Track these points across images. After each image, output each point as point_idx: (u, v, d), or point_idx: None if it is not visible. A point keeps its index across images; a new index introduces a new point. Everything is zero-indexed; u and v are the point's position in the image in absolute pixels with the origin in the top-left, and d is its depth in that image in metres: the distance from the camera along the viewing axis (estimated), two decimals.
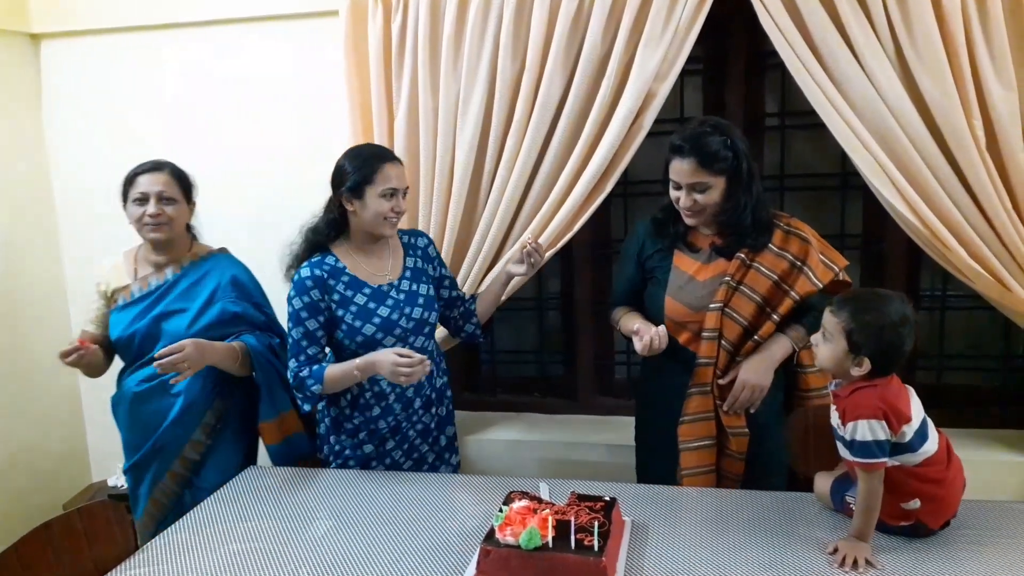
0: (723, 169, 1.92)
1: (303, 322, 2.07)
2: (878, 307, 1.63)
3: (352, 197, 2.05)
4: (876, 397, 1.62)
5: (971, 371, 2.77)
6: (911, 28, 2.08)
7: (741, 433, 2.04)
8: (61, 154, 2.98)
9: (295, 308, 2.07)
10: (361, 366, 2.03)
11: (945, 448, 1.70)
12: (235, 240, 2.87)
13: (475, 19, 2.35)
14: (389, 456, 2.20)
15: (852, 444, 1.62)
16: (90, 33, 2.85)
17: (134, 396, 2.19)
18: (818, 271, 2.01)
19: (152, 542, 1.79)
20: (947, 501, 1.68)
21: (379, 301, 2.10)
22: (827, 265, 2.05)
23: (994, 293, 2.19)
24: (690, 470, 2.05)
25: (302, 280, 2.07)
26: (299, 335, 2.08)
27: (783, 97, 2.68)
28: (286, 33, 2.71)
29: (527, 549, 1.50)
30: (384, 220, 2.06)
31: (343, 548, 1.73)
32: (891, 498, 1.64)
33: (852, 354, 1.64)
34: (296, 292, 2.07)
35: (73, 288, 3.05)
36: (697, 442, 2.05)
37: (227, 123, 2.82)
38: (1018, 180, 2.10)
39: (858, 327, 1.62)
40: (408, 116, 2.47)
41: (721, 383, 2.02)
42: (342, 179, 2.07)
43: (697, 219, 2.00)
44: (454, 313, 2.32)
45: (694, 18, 2.23)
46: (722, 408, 2.03)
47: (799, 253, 2.01)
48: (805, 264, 2.00)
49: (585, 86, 2.32)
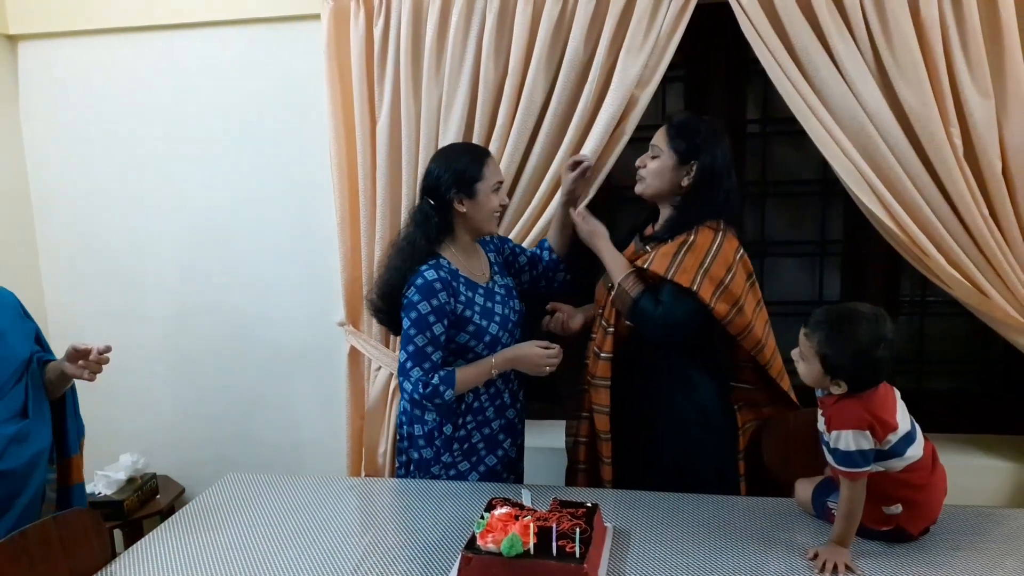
0: (680, 150, 1.99)
1: (430, 327, 1.97)
2: (850, 330, 1.61)
3: (464, 197, 2.02)
4: (861, 407, 1.62)
5: (950, 376, 2.79)
6: (890, 37, 2.10)
7: (602, 411, 2.08)
8: (38, 156, 2.94)
9: (421, 313, 1.96)
10: (499, 363, 2.02)
11: (931, 454, 1.71)
12: (216, 241, 2.87)
13: (458, 23, 2.35)
14: (483, 463, 2.16)
15: (835, 452, 1.63)
16: (69, 35, 2.82)
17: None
18: (655, 260, 1.97)
19: (129, 550, 1.77)
20: (928, 507, 1.69)
21: (492, 300, 2.08)
22: (670, 266, 1.95)
23: (972, 299, 2.21)
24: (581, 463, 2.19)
25: (429, 283, 1.97)
26: (423, 342, 1.97)
27: (765, 104, 2.70)
28: (267, 37, 2.69)
29: (508, 556, 1.50)
30: (494, 216, 2.07)
31: (323, 556, 1.71)
32: (873, 502, 1.65)
33: (828, 376, 1.64)
34: (422, 296, 1.96)
35: (50, 290, 3.01)
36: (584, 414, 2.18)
37: (207, 126, 2.80)
38: (995, 187, 2.13)
39: (831, 352, 1.62)
40: (391, 120, 2.46)
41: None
42: (449, 182, 2.02)
43: (640, 184, 2.08)
44: (539, 270, 2.29)
45: (675, 25, 2.24)
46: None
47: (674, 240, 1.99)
48: (659, 249, 1.99)
49: (568, 91, 2.32)
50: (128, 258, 2.94)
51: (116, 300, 2.98)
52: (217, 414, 3.00)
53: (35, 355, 1.93)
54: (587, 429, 2.17)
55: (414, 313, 1.97)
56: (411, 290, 1.98)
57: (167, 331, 2.97)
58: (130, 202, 2.90)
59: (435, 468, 2.13)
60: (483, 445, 2.15)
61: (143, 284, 2.95)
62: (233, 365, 2.94)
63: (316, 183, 2.67)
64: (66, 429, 1.99)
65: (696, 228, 1.99)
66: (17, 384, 1.86)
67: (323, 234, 2.69)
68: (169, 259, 2.92)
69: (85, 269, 2.98)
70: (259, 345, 2.91)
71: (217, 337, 2.93)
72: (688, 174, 2.01)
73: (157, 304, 2.96)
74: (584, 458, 2.20)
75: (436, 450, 2.12)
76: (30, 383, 1.88)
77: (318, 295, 2.79)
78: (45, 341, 2.03)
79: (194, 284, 2.92)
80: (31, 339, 1.96)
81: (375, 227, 2.52)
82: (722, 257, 1.96)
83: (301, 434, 2.95)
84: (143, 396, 3.01)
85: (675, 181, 2.02)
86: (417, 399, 2.00)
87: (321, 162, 2.59)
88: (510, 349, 2.04)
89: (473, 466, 2.15)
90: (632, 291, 1.99)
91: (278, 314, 2.88)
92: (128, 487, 2.78)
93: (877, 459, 1.63)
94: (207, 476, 2.45)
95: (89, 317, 2.98)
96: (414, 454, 2.16)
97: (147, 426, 3.01)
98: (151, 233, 2.91)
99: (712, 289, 1.95)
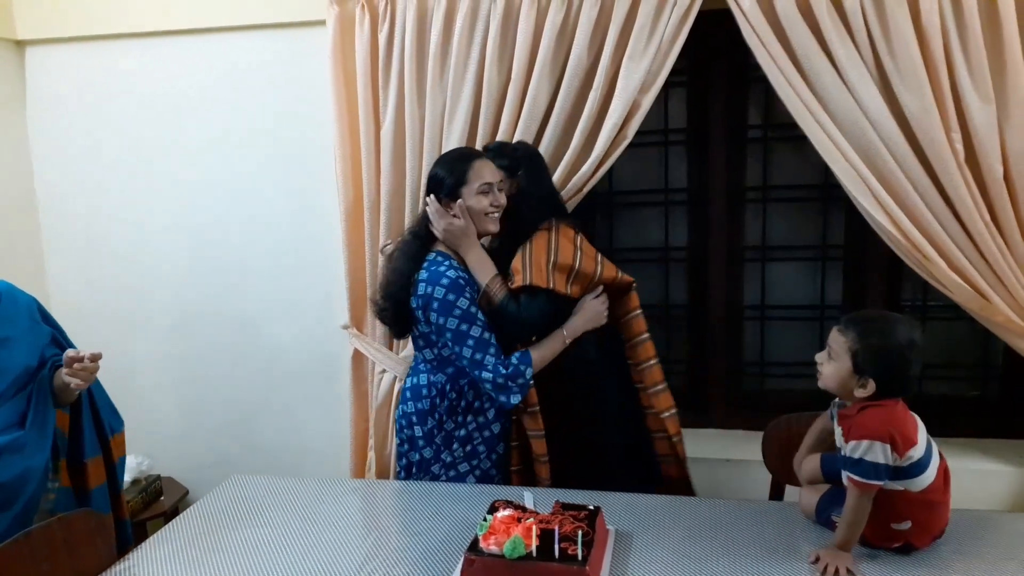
0: (503, 167, 2.14)
1: (476, 317, 2.04)
2: (885, 329, 1.62)
3: (451, 201, 2.07)
4: (885, 418, 1.61)
5: (951, 380, 2.79)
6: (891, 43, 2.11)
7: (538, 436, 2.15)
8: (45, 160, 2.97)
9: (463, 308, 2.03)
10: (571, 330, 2.12)
11: (944, 471, 1.69)
12: (222, 245, 2.88)
13: (462, 30, 2.36)
14: (479, 468, 2.19)
15: (850, 461, 1.61)
16: (76, 40, 2.84)
17: None
18: (514, 276, 2.08)
19: (134, 552, 1.78)
20: (938, 522, 1.68)
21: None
22: (523, 274, 2.06)
23: (973, 304, 2.22)
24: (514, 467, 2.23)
25: (456, 279, 2.04)
26: (479, 331, 2.04)
27: (766, 109, 2.71)
28: (273, 43, 2.71)
29: (511, 558, 1.51)
30: (486, 216, 2.09)
31: (327, 558, 1.72)
32: (883, 518, 1.64)
33: (856, 375, 1.63)
34: (457, 292, 2.03)
35: (56, 294, 3.03)
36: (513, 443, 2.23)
37: (212, 132, 2.82)
38: (996, 192, 2.13)
39: (863, 348, 1.62)
40: (395, 126, 2.47)
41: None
42: (438, 185, 2.09)
43: (494, 224, 2.15)
44: None
45: (678, 32, 2.25)
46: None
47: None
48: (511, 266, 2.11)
49: (571, 97, 2.34)
50: (134, 261, 2.96)
51: (122, 303, 2.99)
52: (221, 416, 3.01)
53: (52, 360, 1.91)
54: (518, 458, 2.24)
55: (457, 310, 2.02)
56: (439, 290, 2.02)
57: (172, 333, 2.99)
58: (136, 206, 2.92)
59: (435, 467, 2.15)
60: (483, 448, 2.17)
61: (149, 287, 2.97)
62: (237, 368, 2.96)
63: (321, 188, 2.68)
64: (82, 434, 1.96)
65: (531, 235, 2.12)
66: (19, 393, 1.84)
67: (327, 238, 2.71)
68: (175, 262, 2.93)
69: (91, 272, 3.00)
70: (263, 348, 2.93)
71: (222, 340, 2.95)
72: (515, 185, 2.17)
73: (163, 306, 2.97)
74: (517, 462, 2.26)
75: (436, 448, 2.14)
76: (35, 393, 1.85)
77: (323, 298, 2.81)
78: (66, 342, 2.00)
79: (199, 287, 2.93)
80: (43, 346, 1.92)
81: (379, 231, 2.53)
82: (563, 249, 2.11)
83: (305, 436, 2.96)
84: (148, 398, 3.03)
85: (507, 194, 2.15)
86: (502, 383, 2.04)
87: (326, 166, 2.61)
88: (576, 315, 2.13)
89: (472, 468, 2.17)
90: (499, 294, 2.08)
91: (283, 317, 2.89)
92: (132, 488, 2.79)
93: (896, 477, 1.61)
94: (211, 478, 2.46)
95: (95, 320, 2.99)
96: (415, 456, 2.18)
97: (152, 428, 3.02)
98: (157, 237, 2.93)
99: (564, 279, 2.10)
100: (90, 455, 1.97)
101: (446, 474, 2.16)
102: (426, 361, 2.17)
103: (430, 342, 2.12)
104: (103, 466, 2.01)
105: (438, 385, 2.15)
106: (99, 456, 1.99)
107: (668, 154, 2.82)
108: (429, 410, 2.14)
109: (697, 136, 2.76)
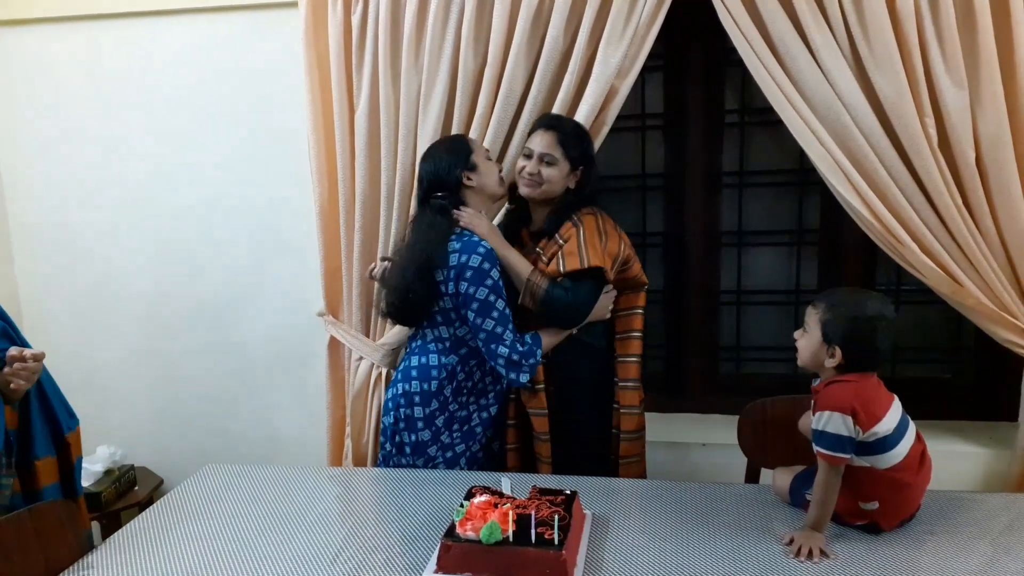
0: (573, 157, 2.14)
1: (502, 291, 2.06)
2: (855, 302, 1.69)
3: (468, 171, 2.11)
4: (849, 392, 1.64)
5: (923, 363, 2.83)
6: (866, 28, 2.12)
7: (540, 414, 2.17)
8: (10, 145, 2.90)
9: (496, 278, 2.04)
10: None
11: (919, 454, 1.72)
12: (193, 231, 2.84)
13: (436, 12, 2.34)
14: (471, 450, 2.22)
15: (817, 433, 1.65)
16: (42, 22, 2.77)
17: None
18: (567, 259, 2.09)
19: (107, 542, 1.76)
20: (905, 505, 1.71)
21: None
22: (579, 257, 2.09)
23: (945, 288, 2.24)
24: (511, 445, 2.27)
25: (491, 251, 2.06)
26: (504, 304, 2.06)
27: (743, 94, 2.71)
28: (245, 24, 2.67)
29: (488, 544, 1.51)
30: (502, 179, 2.19)
31: (303, 545, 1.71)
32: (852, 496, 1.67)
33: (825, 344, 1.68)
34: (492, 262, 2.05)
35: (24, 283, 2.97)
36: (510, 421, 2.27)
37: (183, 115, 2.77)
38: (968, 176, 2.15)
39: (832, 317, 1.68)
40: (369, 109, 2.45)
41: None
42: (449, 165, 2.11)
43: (533, 188, 2.15)
44: None
45: (654, 16, 2.24)
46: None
47: (565, 236, 2.13)
48: (562, 249, 2.11)
49: (547, 81, 2.32)
50: (103, 248, 2.91)
51: (91, 291, 2.95)
52: (196, 405, 2.98)
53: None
54: (515, 436, 2.27)
55: (489, 280, 2.04)
56: (475, 259, 2.03)
57: (143, 322, 2.95)
58: (105, 193, 2.87)
59: (432, 449, 2.16)
60: (480, 430, 2.20)
61: (119, 275, 2.92)
62: (211, 356, 2.93)
63: (294, 172, 2.65)
64: (31, 432, 1.89)
65: (578, 218, 2.14)
66: None
67: (301, 224, 2.68)
68: (145, 249, 2.89)
69: (59, 261, 2.94)
70: (237, 336, 2.90)
71: (194, 328, 2.92)
72: (576, 177, 2.18)
73: (133, 295, 2.93)
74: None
75: (436, 430, 2.15)
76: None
77: (297, 285, 2.78)
78: (18, 337, 1.93)
79: (170, 275, 2.89)
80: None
81: (354, 216, 2.51)
82: (611, 235, 2.16)
83: (280, 425, 2.94)
84: (120, 387, 2.99)
85: (566, 184, 2.18)
86: (516, 359, 2.06)
87: (299, 152, 2.57)
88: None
89: (467, 450, 2.19)
90: (543, 283, 2.09)
91: (256, 305, 2.86)
92: (106, 479, 2.76)
93: (861, 452, 1.64)
94: (186, 467, 2.43)
95: (64, 309, 2.95)
96: (410, 437, 2.17)
97: (125, 417, 2.99)
98: (126, 224, 2.88)
99: (611, 264, 2.14)
100: (41, 455, 1.90)
101: (443, 455, 2.16)
102: (439, 340, 2.16)
103: (449, 319, 2.12)
104: (56, 466, 1.94)
105: (449, 367, 2.15)
106: (52, 456, 1.93)
107: (645, 139, 2.82)
108: (436, 391, 2.14)
109: (674, 121, 2.75)
